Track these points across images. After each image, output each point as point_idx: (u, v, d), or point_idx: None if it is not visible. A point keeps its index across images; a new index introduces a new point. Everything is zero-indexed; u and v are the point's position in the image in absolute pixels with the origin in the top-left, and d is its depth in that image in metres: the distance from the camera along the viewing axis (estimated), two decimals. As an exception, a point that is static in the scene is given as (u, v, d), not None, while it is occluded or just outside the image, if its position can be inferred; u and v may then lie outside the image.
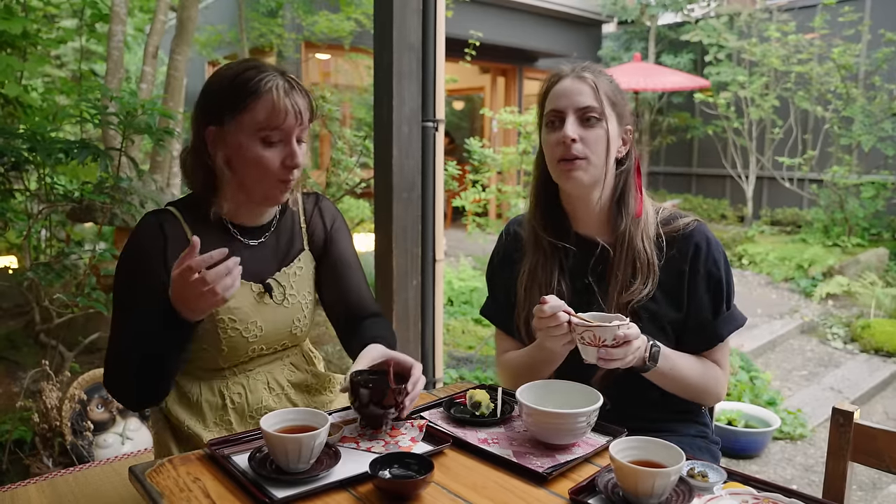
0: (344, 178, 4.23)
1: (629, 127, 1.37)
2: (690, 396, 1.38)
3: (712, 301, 1.35)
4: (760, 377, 3.99)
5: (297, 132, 1.25)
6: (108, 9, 4.69)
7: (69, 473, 1.69)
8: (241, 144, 1.24)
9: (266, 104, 1.22)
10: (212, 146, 1.27)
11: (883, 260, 6.25)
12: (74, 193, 3.03)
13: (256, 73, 1.23)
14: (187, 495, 1.02)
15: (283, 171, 1.25)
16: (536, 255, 1.41)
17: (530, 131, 5.22)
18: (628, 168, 1.38)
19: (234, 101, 1.23)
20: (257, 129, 1.23)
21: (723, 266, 1.35)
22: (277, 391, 1.39)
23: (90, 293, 2.67)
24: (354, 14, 6.77)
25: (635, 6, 9.10)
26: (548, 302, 1.21)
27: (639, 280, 1.33)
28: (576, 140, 1.30)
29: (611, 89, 1.35)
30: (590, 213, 1.39)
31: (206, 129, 1.27)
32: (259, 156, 1.23)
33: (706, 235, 1.36)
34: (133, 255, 1.27)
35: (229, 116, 1.24)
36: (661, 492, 0.96)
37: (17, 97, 3.53)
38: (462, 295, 5.30)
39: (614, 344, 1.16)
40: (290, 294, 1.38)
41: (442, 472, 1.10)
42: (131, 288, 1.26)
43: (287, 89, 1.23)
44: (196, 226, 1.29)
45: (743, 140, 7.89)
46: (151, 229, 1.27)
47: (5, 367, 3.24)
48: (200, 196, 1.31)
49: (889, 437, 1.20)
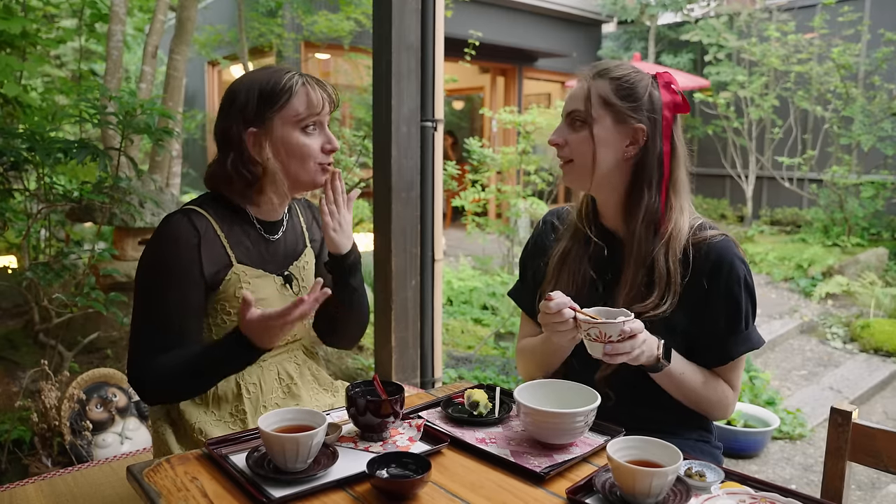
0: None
1: (640, 126, 1.32)
2: (695, 406, 1.36)
3: (729, 318, 1.31)
4: (760, 377, 3.99)
5: (327, 119, 1.39)
6: (107, 9, 4.69)
7: (68, 473, 1.68)
8: (285, 137, 1.34)
9: (303, 97, 1.34)
10: (254, 146, 1.35)
11: (882, 260, 6.25)
12: (73, 193, 3.03)
13: (283, 73, 1.35)
14: (185, 495, 1.02)
15: (323, 155, 1.38)
16: (572, 241, 1.45)
17: (530, 131, 5.22)
18: (642, 167, 1.33)
19: (272, 101, 1.33)
20: (298, 120, 1.34)
21: (744, 284, 1.31)
22: (287, 382, 1.44)
23: (89, 293, 2.67)
24: (354, 14, 6.77)
25: (635, 6, 9.10)
26: (553, 298, 1.21)
27: (655, 295, 1.30)
28: (559, 144, 1.37)
29: (611, 89, 1.32)
30: (607, 209, 1.41)
31: (245, 133, 1.34)
32: (303, 143, 1.35)
33: (732, 251, 1.32)
34: (169, 254, 1.31)
35: (270, 114, 1.34)
36: (659, 491, 0.96)
37: (17, 97, 3.53)
38: (461, 295, 5.30)
39: (620, 339, 1.16)
40: (302, 286, 1.47)
41: (439, 471, 1.10)
42: (169, 286, 1.30)
43: (315, 83, 1.37)
44: (223, 221, 1.37)
45: (743, 140, 7.89)
46: (185, 228, 1.32)
47: (4, 366, 3.24)
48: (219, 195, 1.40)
49: (887, 436, 1.20)
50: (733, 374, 1.38)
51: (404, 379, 2.74)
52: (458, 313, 5.02)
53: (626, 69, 1.35)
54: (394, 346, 2.70)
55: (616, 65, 1.37)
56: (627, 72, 1.35)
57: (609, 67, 1.36)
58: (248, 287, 1.36)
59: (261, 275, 1.39)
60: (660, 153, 1.33)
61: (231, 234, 1.37)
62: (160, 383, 1.30)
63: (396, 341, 2.71)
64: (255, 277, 1.38)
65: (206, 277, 1.32)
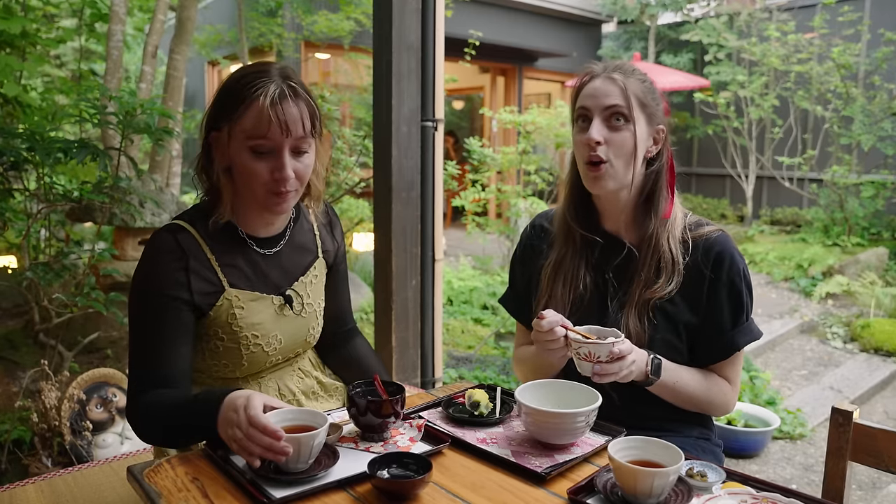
0: (343, 178, 4.23)
1: (661, 126, 1.36)
2: (696, 409, 1.38)
3: (732, 310, 1.34)
4: (760, 377, 3.99)
5: (289, 143, 1.18)
6: (107, 8, 4.69)
7: (68, 473, 1.68)
8: (234, 153, 1.20)
9: (253, 112, 1.15)
10: (215, 152, 1.23)
11: (882, 259, 6.24)
12: (73, 193, 3.03)
13: (253, 77, 1.17)
14: (185, 495, 1.01)
15: (273, 183, 1.19)
16: (566, 247, 1.44)
17: (530, 131, 5.22)
18: (659, 168, 1.38)
19: (230, 106, 1.18)
20: (246, 137, 1.17)
21: (744, 277, 1.35)
22: (289, 397, 1.39)
23: (89, 293, 2.67)
24: (354, 14, 6.77)
25: (635, 6, 9.10)
26: (545, 317, 1.23)
27: (663, 278, 1.34)
28: (600, 143, 1.31)
29: (641, 89, 1.34)
30: (618, 211, 1.40)
31: (209, 134, 1.23)
32: (248, 166, 1.18)
33: (731, 245, 1.36)
34: (154, 280, 1.21)
35: (225, 122, 1.19)
36: (660, 491, 0.96)
37: (17, 97, 3.53)
38: (462, 294, 5.30)
39: (609, 359, 1.18)
40: (307, 303, 1.37)
41: (440, 471, 1.10)
42: (155, 316, 1.20)
43: (277, 98, 1.15)
44: (213, 240, 1.25)
45: (743, 139, 7.89)
46: (171, 249, 1.22)
47: (4, 366, 3.24)
48: (209, 205, 1.27)
49: (888, 436, 1.20)
50: (732, 369, 1.38)
51: (405, 379, 2.74)
52: (458, 313, 5.02)
53: (641, 71, 1.38)
54: (394, 346, 2.70)
55: (632, 65, 1.39)
56: (644, 73, 1.38)
57: (629, 67, 1.37)
58: (241, 312, 1.26)
59: (256, 297, 1.28)
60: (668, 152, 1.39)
61: (222, 255, 1.26)
62: (147, 423, 1.20)
63: (397, 341, 2.71)
64: (249, 301, 1.28)
65: (195, 302, 1.22)
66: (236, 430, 1.03)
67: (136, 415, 1.21)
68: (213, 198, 1.26)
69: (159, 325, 1.21)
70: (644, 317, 1.33)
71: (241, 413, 1.03)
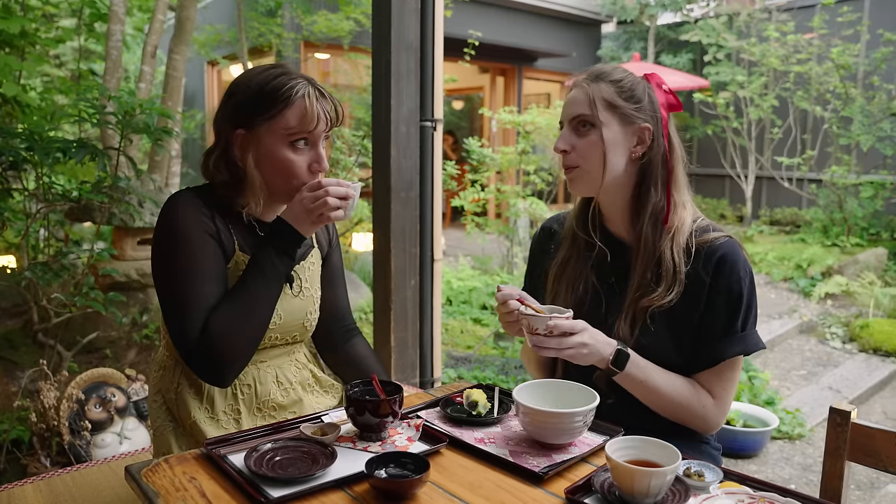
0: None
1: (646, 125, 1.33)
2: (672, 417, 1.34)
3: (726, 317, 1.30)
4: (759, 377, 3.99)
5: (322, 136, 1.31)
6: (106, 8, 4.68)
7: (66, 473, 1.68)
8: (271, 148, 1.28)
9: (298, 110, 1.27)
10: (239, 149, 1.30)
11: (882, 260, 6.25)
12: (72, 193, 3.03)
13: (287, 79, 1.28)
14: (183, 495, 1.01)
15: (310, 174, 1.31)
16: (571, 249, 1.45)
17: (529, 131, 5.22)
18: (649, 166, 1.35)
19: (266, 106, 1.27)
20: (288, 133, 1.27)
21: (746, 285, 1.31)
22: (286, 385, 1.42)
23: (88, 293, 2.67)
24: (353, 14, 6.77)
25: (634, 6, 9.10)
26: (502, 290, 1.27)
27: (662, 286, 1.31)
28: (567, 151, 1.35)
29: (612, 92, 1.33)
30: (614, 211, 1.40)
31: (234, 132, 1.30)
32: (288, 159, 1.28)
33: (735, 252, 1.32)
34: (187, 219, 1.26)
35: (260, 121, 1.28)
36: (658, 491, 0.96)
37: (16, 96, 3.52)
38: (461, 294, 5.30)
39: (547, 333, 1.20)
40: (305, 286, 1.43)
41: (438, 471, 1.10)
42: (196, 248, 1.25)
43: (318, 96, 1.29)
44: (222, 211, 1.32)
45: (742, 140, 7.90)
46: (195, 202, 1.29)
47: (3, 366, 3.24)
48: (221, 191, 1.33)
49: (886, 436, 1.20)
50: (718, 381, 1.33)
51: (403, 379, 2.74)
52: (457, 313, 5.03)
53: (621, 72, 1.37)
54: (393, 345, 2.70)
55: (611, 68, 1.38)
56: (625, 74, 1.37)
57: (605, 71, 1.37)
58: None
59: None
60: (663, 151, 1.35)
61: (232, 222, 1.33)
62: (228, 339, 1.22)
63: (396, 341, 2.71)
64: None
65: (223, 247, 1.29)
66: (307, 201, 1.24)
67: (210, 343, 1.21)
68: (229, 189, 1.32)
69: (200, 259, 1.25)
70: (638, 323, 1.32)
71: (303, 191, 1.25)
